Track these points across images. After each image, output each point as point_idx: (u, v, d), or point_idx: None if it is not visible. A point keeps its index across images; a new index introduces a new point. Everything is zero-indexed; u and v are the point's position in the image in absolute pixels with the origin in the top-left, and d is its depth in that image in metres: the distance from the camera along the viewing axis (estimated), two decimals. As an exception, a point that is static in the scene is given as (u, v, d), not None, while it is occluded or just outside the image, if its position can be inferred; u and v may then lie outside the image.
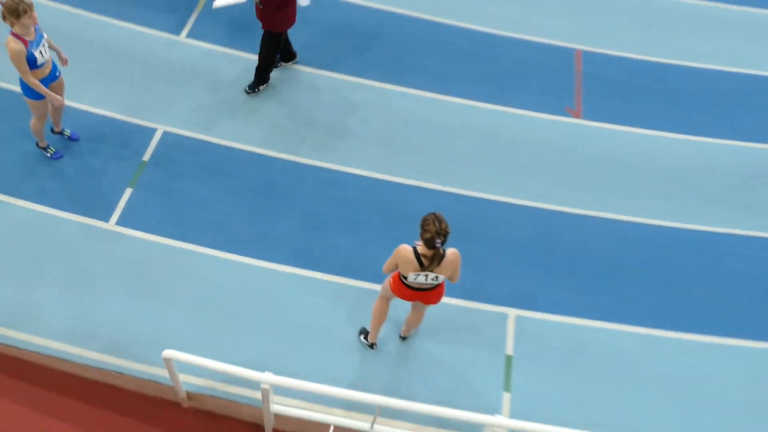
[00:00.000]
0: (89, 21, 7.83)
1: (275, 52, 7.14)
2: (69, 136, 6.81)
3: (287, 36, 7.29)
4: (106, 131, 6.95)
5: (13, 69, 5.82)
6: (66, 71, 6.33)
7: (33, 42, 5.66)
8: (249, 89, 7.39)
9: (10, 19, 5.44)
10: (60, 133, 6.79)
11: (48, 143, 6.67)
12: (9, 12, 5.40)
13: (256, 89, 7.39)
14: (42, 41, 5.77)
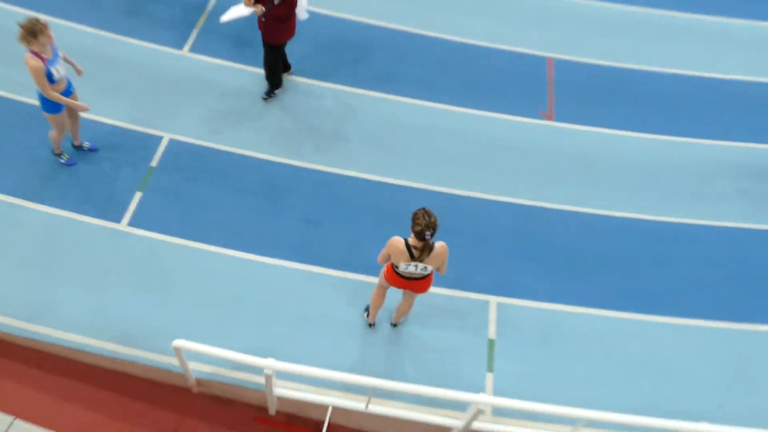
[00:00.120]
0: (99, 38, 7.78)
1: (276, 61, 7.20)
2: (88, 148, 6.77)
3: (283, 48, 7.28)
4: (116, 140, 6.92)
5: (31, 84, 5.81)
6: (79, 85, 6.30)
7: (50, 60, 5.66)
8: (266, 95, 7.47)
9: (27, 39, 5.45)
10: (80, 147, 6.74)
11: (62, 150, 6.63)
12: (26, 32, 5.42)
13: (272, 94, 7.49)
14: (58, 59, 5.76)
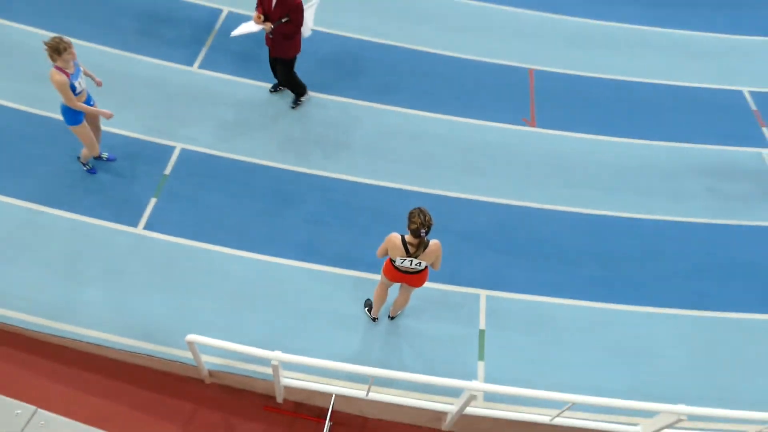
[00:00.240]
0: (115, 57, 7.76)
1: (291, 73, 7.19)
2: (107, 158, 6.74)
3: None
4: (132, 150, 6.88)
5: (55, 99, 5.82)
6: (97, 100, 6.27)
7: (73, 74, 5.70)
8: (293, 104, 7.49)
9: (53, 56, 5.51)
10: (99, 157, 6.71)
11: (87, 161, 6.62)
12: (52, 50, 5.50)
13: (298, 102, 7.52)
14: (80, 74, 5.80)
